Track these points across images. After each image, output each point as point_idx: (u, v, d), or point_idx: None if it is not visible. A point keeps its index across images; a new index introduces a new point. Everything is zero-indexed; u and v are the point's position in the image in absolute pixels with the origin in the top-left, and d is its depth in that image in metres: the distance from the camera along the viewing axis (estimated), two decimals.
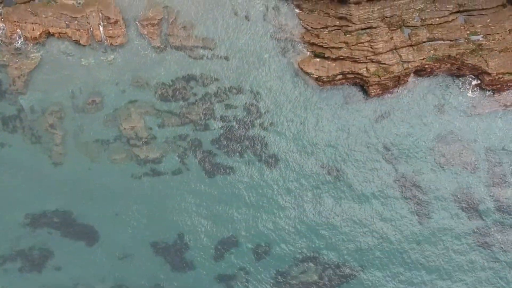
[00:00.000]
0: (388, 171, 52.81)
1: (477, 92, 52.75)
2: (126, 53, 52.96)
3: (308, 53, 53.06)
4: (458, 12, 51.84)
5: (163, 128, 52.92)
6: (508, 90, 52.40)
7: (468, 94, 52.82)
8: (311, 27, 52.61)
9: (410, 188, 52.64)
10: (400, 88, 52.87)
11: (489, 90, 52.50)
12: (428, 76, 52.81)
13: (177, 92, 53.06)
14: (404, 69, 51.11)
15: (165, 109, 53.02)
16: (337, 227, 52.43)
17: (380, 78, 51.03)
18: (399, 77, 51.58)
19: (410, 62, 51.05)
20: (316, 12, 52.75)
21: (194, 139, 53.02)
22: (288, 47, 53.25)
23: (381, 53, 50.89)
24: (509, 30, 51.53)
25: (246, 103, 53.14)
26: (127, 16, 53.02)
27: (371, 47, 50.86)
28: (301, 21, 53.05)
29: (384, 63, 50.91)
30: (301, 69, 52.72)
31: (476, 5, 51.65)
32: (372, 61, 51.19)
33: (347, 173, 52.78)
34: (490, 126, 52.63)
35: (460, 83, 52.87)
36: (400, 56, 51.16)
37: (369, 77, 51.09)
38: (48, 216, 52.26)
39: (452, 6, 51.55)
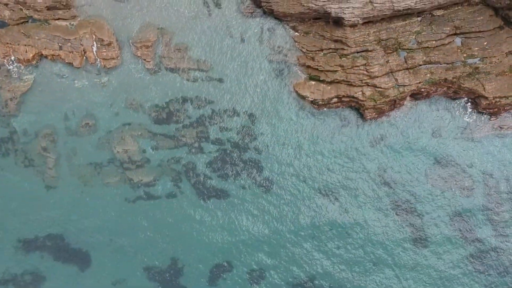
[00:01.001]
0: (384, 194, 52.30)
1: (473, 115, 52.26)
2: (120, 75, 52.56)
3: (304, 75, 52.60)
4: (455, 34, 51.38)
5: (157, 151, 52.48)
6: (505, 113, 51.83)
7: (465, 117, 52.32)
8: (307, 50, 52.16)
9: (406, 213, 52.13)
10: (396, 111, 52.37)
11: (485, 114, 51.98)
12: (424, 99, 52.31)
13: (171, 114, 52.64)
14: (400, 93, 50.63)
15: (159, 131, 52.58)
16: (332, 253, 51.90)
17: (376, 102, 50.57)
18: (395, 101, 51.10)
19: (406, 86, 50.57)
20: (311, 35, 52.33)
21: (188, 162, 52.56)
22: (283, 69, 52.80)
23: (377, 77, 50.42)
24: (506, 53, 51.02)
25: (240, 126, 52.69)
26: (121, 37, 52.62)
27: (366, 71, 50.39)
28: (297, 43, 52.60)
29: (380, 87, 50.44)
30: (296, 92, 52.24)
31: (473, 27, 51.18)
32: (368, 85, 50.73)
33: (342, 197, 52.29)
34: (487, 150, 52.11)
35: (457, 106, 52.36)
36: (396, 79, 50.69)
37: (365, 101, 50.62)
38: (40, 240, 51.85)
39: (448, 28, 51.09)
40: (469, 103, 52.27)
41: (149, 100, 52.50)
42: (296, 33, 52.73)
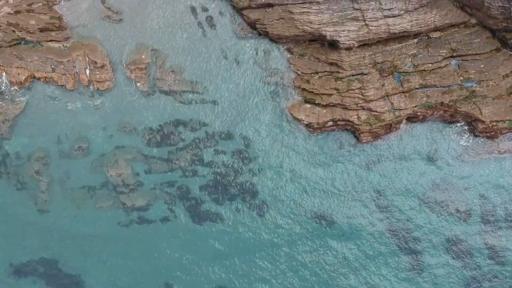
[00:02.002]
0: (380, 218, 51.78)
1: (470, 139, 51.69)
2: (113, 98, 52.12)
3: (299, 98, 52.13)
4: (451, 57, 50.89)
5: (150, 174, 52.02)
6: (502, 136, 51.31)
7: (461, 140, 51.78)
8: (302, 72, 51.70)
9: (402, 236, 51.60)
10: (392, 134, 51.85)
11: (482, 137, 51.44)
12: (420, 122, 51.78)
13: (165, 137, 52.17)
14: (396, 117, 50.16)
15: (152, 155, 52.12)
16: (328, 277, 51.38)
17: (372, 126, 50.10)
18: (391, 125, 50.62)
19: (402, 109, 50.10)
20: (306, 57, 51.86)
21: (182, 186, 52.09)
22: (279, 92, 52.33)
23: (372, 101, 49.96)
24: (503, 76, 50.55)
25: (235, 149, 52.21)
26: (114, 59, 52.19)
27: (362, 94, 49.92)
28: (292, 65, 52.12)
29: (376, 111, 49.98)
30: (291, 114, 51.74)
31: (469, 50, 50.70)
32: (363, 109, 50.26)
33: (338, 221, 51.76)
34: (484, 173, 51.53)
35: (453, 129, 51.83)
36: (392, 103, 50.21)
37: (360, 125, 50.16)
38: (33, 265, 51.42)
39: (445, 51, 50.61)
40: (466, 127, 51.75)
41: (143, 122, 52.03)
42: (291, 55, 52.28)
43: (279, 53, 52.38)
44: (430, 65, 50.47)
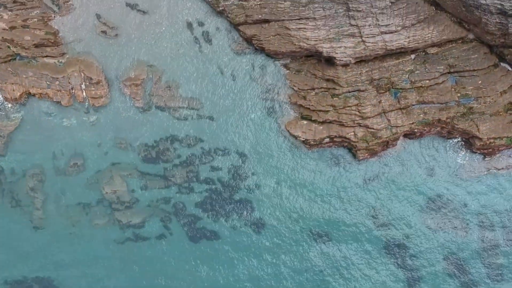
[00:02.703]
0: (377, 235, 51.47)
1: (467, 155, 51.39)
2: (109, 114, 51.85)
3: (295, 114, 51.81)
4: (449, 73, 50.53)
5: (146, 191, 51.74)
6: (499, 153, 50.98)
7: (459, 157, 51.49)
8: (298, 88, 51.38)
9: (399, 254, 51.29)
10: (389, 150, 51.53)
11: (480, 154, 51.14)
12: (417, 139, 51.47)
13: (161, 153, 51.89)
14: (393, 134, 49.84)
15: (148, 171, 51.84)
16: None
17: (368, 144, 49.79)
18: (388, 142, 50.31)
19: (399, 126, 49.78)
20: (303, 73, 51.56)
21: (178, 203, 51.81)
22: (275, 108, 52.04)
23: (369, 117, 49.65)
24: (500, 92, 50.19)
25: (231, 165, 51.90)
26: (110, 75, 51.92)
27: (358, 111, 49.61)
28: (288, 81, 51.83)
29: (372, 128, 49.65)
30: (288, 131, 51.41)
31: (467, 66, 50.33)
32: (360, 125, 49.95)
33: (335, 239, 51.44)
34: (481, 190, 51.23)
35: (451, 146, 51.52)
36: (389, 120, 49.89)
37: (357, 142, 49.85)
38: (28, 283, 51.16)
39: (442, 67, 50.28)
40: (463, 143, 51.42)
41: (138, 139, 51.76)
42: (288, 71, 51.98)
43: (276, 68, 52.09)
44: (427, 81, 50.14)
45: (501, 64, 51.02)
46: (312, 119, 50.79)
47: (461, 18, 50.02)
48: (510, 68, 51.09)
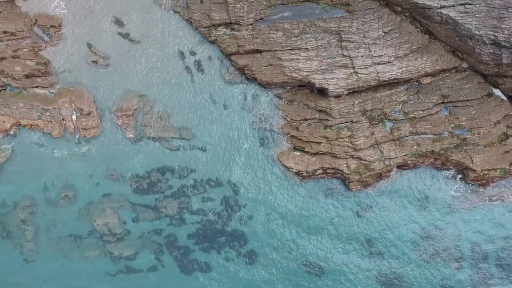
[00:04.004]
0: (371, 266, 51.16)
1: (461, 186, 51.04)
2: (100, 145, 51.48)
3: (288, 145, 51.46)
4: (442, 103, 50.18)
5: (137, 223, 51.40)
6: (493, 184, 50.65)
7: (453, 188, 51.13)
8: (291, 119, 51.03)
9: (394, 285, 50.93)
10: (382, 181, 51.17)
11: (473, 184, 50.79)
12: (411, 169, 51.12)
13: (153, 185, 51.53)
14: (386, 166, 49.51)
15: (139, 202, 51.49)
16: None
17: (361, 176, 49.46)
18: (381, 174, 49.97)
19: (392, 158, 49.45)
20: (295, 103, 51.22)
21: (169, 234, 51.47)
22: (268, 138, 51.68)
23: (362, 149, 49.32)
24: (494, 122, 49.85)
25: (224, 196, 51.55)
26: (101, 106, 51.54)
27: (351, 143, 49.27)
28: (281, 112, 51.47)
29: (365, 160, 49.31)
30: (281, 162, 51.04)
31: (460, 96, 50.02)
32: (353, 157, 49.60)
33: (329, 270, 51.08)
34: (475, 220, 50.94)
35: (444, 176, 51.19)
36: (382, 152, 49.55)
37: (350, 174, 49.49)
38: None
39: (436, 97, 49.95)
40: (457, 174, 51.07)
41: (130, 170, 51.40)
42: (280, 101, 51.63)
43: (268, 98, 51.74)
44: (420, 112, 49.81)
45: (495, 93, 50.72)
46: (305, 150, 50.45)
47: (454, 47, 49.74)
48: (504, 98, 50.83)
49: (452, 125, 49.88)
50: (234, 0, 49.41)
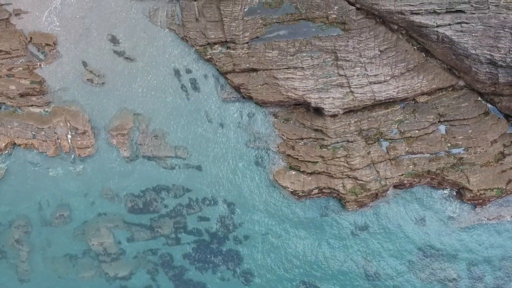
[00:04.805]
0: (367, 286, 50.85)
1: (458, 205, 50.79)
2: (95, 164, 51.26)
3: (284, 164, 51.20)
4: (439, 122, 49.94)
5: (132, 242, 51.15)
6: (490, 203, 50.41)
7: (449, 207, 50.88)
8: (287, 138, 50.79)
9: None
10: (379, 200, 50.92)
11: (470, 204, 50.54)
12: (407, 188, 50.89)
13: (148, 204, 51.29)
14: (382, 186, 49.24)
15: (135, 222, 51.24)
16: None
17: (357, 196, 49.19)
18: (377, 194, 49.71)
19: (388, 178, 49.19)
20: (291, 122, 51.00)
21: (165, 254, 51.21)
22: (264, 157, 51.44)
23: (358, 169, 49.06)
24: (491, 141, 49.61)
25: (219, 215, 51.31)
26: (96, 124, 51.32)
27: (347, 163, 49.03)
28: (277, 130, 51.23)
29: (361, 180, 49.05)
30: (277, 181, 50.78)
31: (457, 114, 49.79)
32: (349, 177, 49.35)
33: None
34: (472, 240, 50.66)
35: (441, 195, 50.94)
36: (378, 172, 49.30)
37: (346, 194, 49.23)
38: None
39: (432, 116, 49.71)
40: (454, 193, 50.83)
41: (125, 189, 51.16)
42: (276, 120, 51.40)
43: (264, 117, 51.52)
44: (417, 131, 49.57)
45: (492, 112, 50.56)
46: (301, 170, 50.19)
47: (451, 65, 49.56)
48: (500, 116, 50.63)
49: (449, 144, 49.64)
50: (230, 18, 49.24)
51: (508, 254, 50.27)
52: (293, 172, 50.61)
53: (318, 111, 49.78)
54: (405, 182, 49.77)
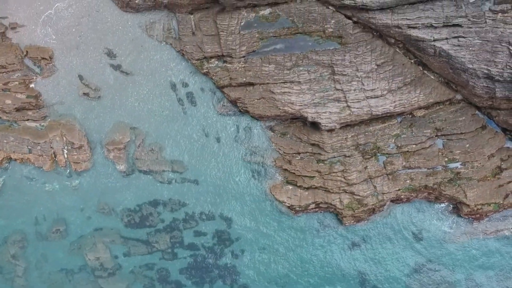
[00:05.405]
0: None
1: (455, 219, 50.63)
2: (92, 178, 51.10)
3: (281, 178, 51.05)
4: (436, 136, 49.77)
5: (129, 257, 51.01)
6: (487, 218, 50.26)
7: (446, 222, 50.73)
8: (284, 152, 50.65)
9: None
10: (376, 214, 50.77)
11: (467, 218, 50.40)
12: (405, 203, 50.73)
13: (144, 218, 51.16)
14: (379, 201, 49.13)
15: (131, 236, 51.11)
16: None
17: (354, 211, 49.06)
18: (374, 209, 49.58)
19: (385, 193, 49.04)
20: (288, 136, 50.85)
21: (161, 269, 51.06)
22: (260, 171, 51.31)
23: (355, 184, 48.91)
24: (488, 156, 49.45)
25: (216, 230, 51.18)
26: (92, 138, 51.20)
27: (344, 178, 48.88)
28: (273, 144, 51.08)
29: (358, 195, 48.91)
30: (273, 195, 50.63)
31: (454, 128, 49.63)
32: (346, 192, 49.21)
33: None
34: (470, 254, 50.51)
35: (438, 210, 50.77)
36: (375, 187, 49.15)
37: (343, 209, 49.10)
38: None
39: (429, 130, 49.57)
40: (451, 207, 50.68)
41: (122, 203, 51.04)
42: (273, 134, 51.25)
43: (261, 131, 51.37)
44: (414, 146, 49.42)
45: (489, 125, 50.41)
46: (298, 184, 50.03)
47: (448, 79, 49.44)
48: (497, 130, 50.49)
49: (446, 159, 49.49)
50: (226, 32, 49.10)
51: (506, 268, 50.10)
52: (290, 187, 50.47)
53: (315, 126, 49.62)
54: (402, 197, 49.62)
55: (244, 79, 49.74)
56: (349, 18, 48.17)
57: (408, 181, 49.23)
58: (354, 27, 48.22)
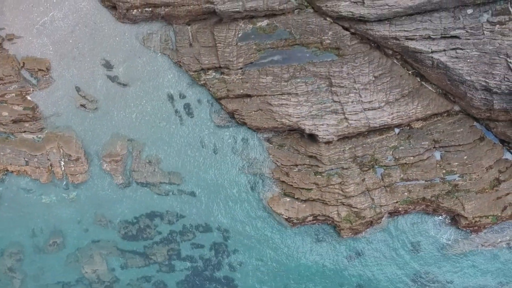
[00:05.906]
0: None
1: (453, 232, 50.47)
2: (89, 190, 51.01)
3: (278, 190, 50.90)
4: (434, 148, 49.62)
5: (126, 269, 50.92)
6: (485, 230, 50.09)
7: (444, 234, 50.57)
8: (281, 164, 50.48)
9: None
10: (373, 227, 50.63)
11: (465, 230, 50.25)
12: (402, 215, 50.58)
13: (141, 230, 51.05)
14: (377, 214, 48.97)
15: (128, 249, 51.00)
16: None
17: (352, 224, 48.91)
18: (371, 221, 49.42)
19: (383, 206, 48.89)
20: (286, 147, 50.71)
21: (158, 281, 50.98)
22: (258, 183, 51.17)
23: (353, 196, 48.76)
24: (486, 168, 49.27)
25: (213, 242, 51.05)
26: (89, 150, 51.08)
27: (342, 190, 48.73)
28: (271, 156, 50.93)
29: (356, 207, 48.76)
30: (271, 207, 50.47)
31: (452, 140, 49.46)
32: (343, 204, 49.06)
33: None
34: (467, 266, 50.38)
35: (436, 222, 50.62)
36: (373, 199, 49.00)
37: (340, 222, 48.96)
38: None
39: (427, 142, 49.40)
40: (449, 220, 50.55)
41: (119, 215, 50.93)
42: (270, 145, 51.09)
43: (258, 142, 51.23)
44: (411, 158, 49.25)
45: (487, 137, 50.25)
46: (295, 196, 49.87)
47: (446, 90, 49.28)
48: (496, 141, 50.32)
49: (444, 171, 49.32)
50: (224, 44, 48.97)
51: (504, 281, 49.95)
52: (288, 199, 50.32)
53: (313, 138, 49.46)
54: (400, 209, 49.47)
55: (242, 91, 49.58)
56: (346, 29, 48.01)
57: (406, 194, 49.07)
58: (352, 38, 48.04)
